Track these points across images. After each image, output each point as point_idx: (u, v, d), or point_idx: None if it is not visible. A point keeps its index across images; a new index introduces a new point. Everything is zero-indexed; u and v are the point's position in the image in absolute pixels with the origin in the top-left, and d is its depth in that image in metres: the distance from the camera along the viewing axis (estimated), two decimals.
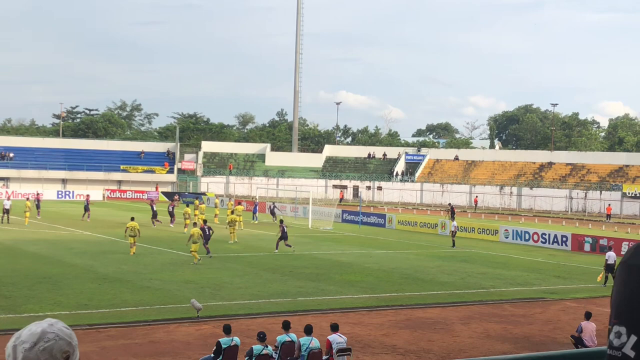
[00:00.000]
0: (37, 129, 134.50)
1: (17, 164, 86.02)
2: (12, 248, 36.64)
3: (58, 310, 22.09)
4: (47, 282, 26.76)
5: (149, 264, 32.47)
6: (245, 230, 50.21)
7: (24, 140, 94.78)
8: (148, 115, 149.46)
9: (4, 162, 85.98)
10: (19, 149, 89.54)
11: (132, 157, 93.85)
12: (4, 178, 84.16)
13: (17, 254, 34.38)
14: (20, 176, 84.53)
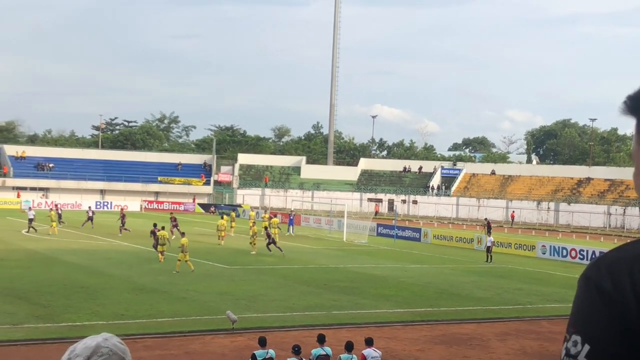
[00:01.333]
0: (76, 140, 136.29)
1: (56, 174, 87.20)
2: (50, 258, 37.13)
3: (95, 319, 22.34)
4: (84, 292, 27.07)
5: (185, 275, 32.68)
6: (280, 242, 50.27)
7: (63, 151, 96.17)
8: (186, 127, 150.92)
9: (44, 173, 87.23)
10: (59, 159, 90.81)
11: (170, 169, 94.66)
12: (44, 188, 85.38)
13: (55, 264, 34.82)
14: (59, 187, 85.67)
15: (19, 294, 25.95)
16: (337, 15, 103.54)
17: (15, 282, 28.36)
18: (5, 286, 26.86)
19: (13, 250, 39.60)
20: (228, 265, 36.85)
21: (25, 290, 26.70)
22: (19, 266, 33.36)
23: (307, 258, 42.10)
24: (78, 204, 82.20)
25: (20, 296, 25.51)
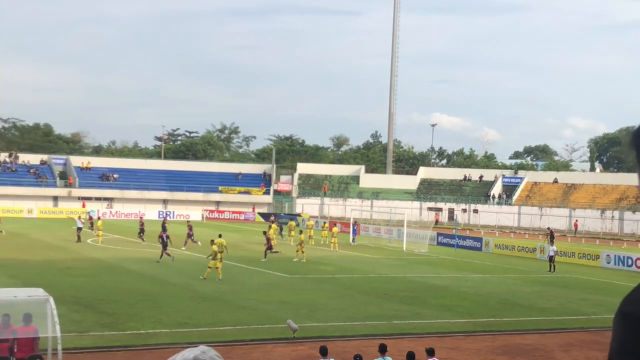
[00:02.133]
0: (139, 151, 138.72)
1: (120, 184, 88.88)
2: (115, 266, 37.85)
3: (159, 328, 22.70)
4: (148, 300, 27.52)
5: (245, 284, 33.00)
6: (340, 252, 50.39)
7: (127, 162, 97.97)
8: (246, 137, 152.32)
9: (109, 183, 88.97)
10: (123, 170, 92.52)
11: (230, 179, 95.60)
12: (108, 198, 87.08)
13: (120, 272, 35.49)
14: (123, 197, 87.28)
15: (85, 302, 26.52)
16: (396, 24, 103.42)
17: (81, 291, 29.00)
18: (71, 294, 27.45)
19: (79, 259, 40.48)
20: (288, 274, 37.06)
21: (91, 299, 27.27)
22: (85, 275, 34.09)
23: (367, 267, 42.07)
24: (141, 213, 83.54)
25: (86, 304, 26.07)
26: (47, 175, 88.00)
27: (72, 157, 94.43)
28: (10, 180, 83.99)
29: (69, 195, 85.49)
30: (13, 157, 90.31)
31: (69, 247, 46.79)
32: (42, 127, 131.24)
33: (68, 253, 43.42)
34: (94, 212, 74.10)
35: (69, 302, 25.16)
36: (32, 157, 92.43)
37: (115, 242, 52.01)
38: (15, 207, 79.65)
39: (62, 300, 22.72)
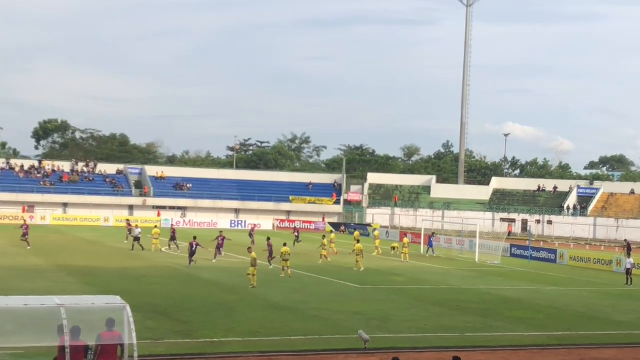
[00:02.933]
0: (212, 160, 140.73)
1: (193, 194, 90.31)
2: (188, 275, 38.42)
3: (232, 336, 22.93)
4: (221, 309, 27.84)
5: (317, 294, 33.09)
6: (411, 262, 50.12)
7: (200, 172, 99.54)
8: (316, 147, 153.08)
9: (182, 193, 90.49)
10: (196, 179, 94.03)
11: (301, 188, 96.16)
12: (182, 207, 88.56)
13: (193, 281, 36.01)
14: (196, 206, 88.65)
15: (160, 309, 26.98)
16: (469, 34, 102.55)
17: (156, 298, 29.52)
18: (147, 302, 27.96)
19: (154, 267, 41.23)
20: (359, 284, 37.02)
21: (166, 306, 27.73)
22: (160, 282, 34.70)
23: (438, 279, 41.73)
24: (214, 222, 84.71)
25: (161, 312, 26.51)
26: (123, 184, 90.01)
27: (147, 167, 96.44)
28: (88, 189, 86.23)
29: (144, 204, 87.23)
30: (91, 167, 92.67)
31: (143, 255, 47.68)
32: (118, 138, 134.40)
33: (143, 261, 44.26)
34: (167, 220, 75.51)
35: (144, 310, 25.61)
36: (108, 166, 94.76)
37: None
38: (92, 215, 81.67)
39: (137, 308, 23.13)
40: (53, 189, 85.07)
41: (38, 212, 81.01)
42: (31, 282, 32.55)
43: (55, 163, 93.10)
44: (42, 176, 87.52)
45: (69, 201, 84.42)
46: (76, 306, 15.78)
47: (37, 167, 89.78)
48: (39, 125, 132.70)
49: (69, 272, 37.18)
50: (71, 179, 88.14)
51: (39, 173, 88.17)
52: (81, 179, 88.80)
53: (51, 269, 38.55)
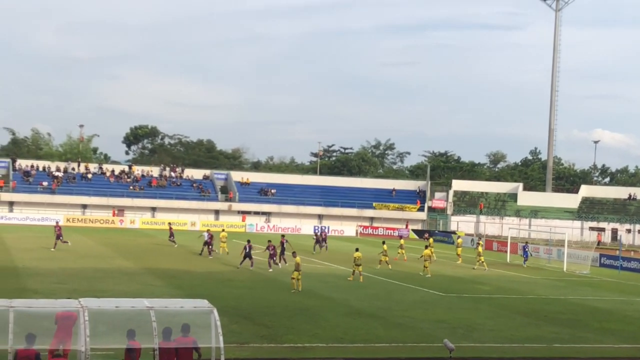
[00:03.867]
0: (296, 166, 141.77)
1: (278, 199, 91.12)
2: (272, 279, 38.74)
3: (315, 342, 23.01)
4: (304, 314, 27.99)
5: (400, 301, 32.93)
6: (496, 271, 49.37)
7: (284, 177, 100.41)
8: (400, 153, 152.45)
9: (267, 198, 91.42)
10: (280, 185, 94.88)
11: (384, 195, 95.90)
12: (266, 213, 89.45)
13: (276, 285, 36.30)
14: (280, 211, 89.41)
15: (245, 313, 27.29)
16: (557, 38, 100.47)
17: (240, 302, 29.89)
18: (232, 305, 28.32)
19: (238, 271, 41.71)
20: (443, 292, 36.67)
21: (250, 310, 28.03)
22: (244, 287, 35.11)
23: (525, 288, 40.97)
24: (297, 228, 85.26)
25: (245, 316, 26.82)
26: (210, 189, 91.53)
27: (232, 172, 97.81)
28: (175, 194, 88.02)
29: (229, 209, 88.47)
30: (178, 172, 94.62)
31: (229, 260, 48.30)
32: (205, 143, 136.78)
33: (228, 265, 44.83)
34: (252, 226, 76.27)
35: (230, 314, 25.95)
36: (195, 172, 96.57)
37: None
38: (179, 219, 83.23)
39: (223, 312, 23.42)
40: (142, 193, 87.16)
41: (127, 215, 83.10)
42: (121, 285, 33.39)
43: (145, 168, 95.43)
44: (132, 181, 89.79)
45: (157, 205, 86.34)
46: (165, 309, 16.13)
47: (127, 172, 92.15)
48: (130, 131, 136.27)
49: (157, 275, 37.97)
50: (159, 183, 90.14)
51: (129, 178, 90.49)
52: (169, 184, 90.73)
53: (140, 271, 39.45)
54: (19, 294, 27.53)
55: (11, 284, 31.86)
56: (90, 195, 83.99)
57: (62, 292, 28.68)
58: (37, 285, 31.82)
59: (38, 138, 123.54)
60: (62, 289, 30.72)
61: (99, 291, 29.91)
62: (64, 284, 32.54)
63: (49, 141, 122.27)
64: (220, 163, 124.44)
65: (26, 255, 44.53)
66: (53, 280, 33.67)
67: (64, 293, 28.23)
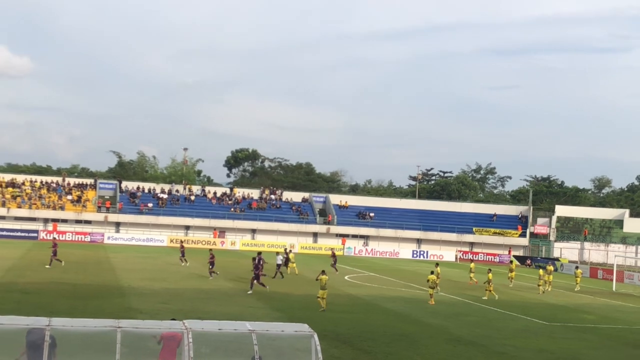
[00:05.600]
0: (394, 190, 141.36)
1: (376, 223, 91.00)
2: (371, 304, 38.65)
3: None
4: (404, 340, 27.78)
5: (502, 329, 32.30)
6: (602, 300, 47.84)
7: (382, 201, 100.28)
8: (501, 178, 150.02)
9: (365, 221, 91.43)
10: (378, 209, 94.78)
11: (485, 220, 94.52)
12: (364, 236, 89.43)
13: (375, 310, 36.19)
14: (378, 235, 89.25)
15: (344, 338, 27.29)
16: None
17: (339, 326, 29.90)
18: (330, 329, 28.39)
19: (337, 295, 41.78)
20: (547, 321, 35.76)
21: (349, 335, 28.02)
22: (343, 311, 35.13)
23: (633, 318, 39.53)
24: (396, 252, 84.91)
25: (344, 340, 26.82)
26: (308, 212, 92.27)
27: (331, 195, 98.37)
28: (275, 216, 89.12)
29: (328, 232, 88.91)
30: (278, 194, 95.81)
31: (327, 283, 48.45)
32: (304, 166, 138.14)
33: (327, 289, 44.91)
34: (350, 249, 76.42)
35: (329, 338, 26.01)
36: (294, 194, 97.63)
37: (371, 279, 53.15)
38: (278, 242, 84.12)
39: (322, 336, 23.53)
40: (242, 215, 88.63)
41: (228, 237, 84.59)
42: (223, 306, 33.95)
43: (245, 190, 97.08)
44: (233, 203, 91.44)
45: (257, 227, 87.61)
46: (266, 333, 16.34)
47: (228, 194, 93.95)
48: (231, 154, 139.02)
49: (258, 297, 38.44)
50: (259, 206, 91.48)
51: (230, 200, 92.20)
52: (269, 206, 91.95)
53: (241, 293, 40.02)
54: (125, 313, 28.40)
55: (117, 303, 32.86)
56: (193, 216, 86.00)
57: (166, 313, 29.38)
58: (142, 305, 32.70)
59: (144, 161, 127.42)
60: (166, 309, 31.46)
61: (202, 312, 30.52)
62: (168, 304, 33.33)
63: (154, 164, 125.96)
64: (318, 186, 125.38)
65: (131, 275, 45.87)
66: (157, 301, 34.54)
67: (168, 313, 28.90)
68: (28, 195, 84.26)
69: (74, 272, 45.67)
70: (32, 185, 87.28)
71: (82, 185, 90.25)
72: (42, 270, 45.61)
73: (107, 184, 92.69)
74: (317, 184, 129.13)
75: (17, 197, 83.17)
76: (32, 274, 43.21)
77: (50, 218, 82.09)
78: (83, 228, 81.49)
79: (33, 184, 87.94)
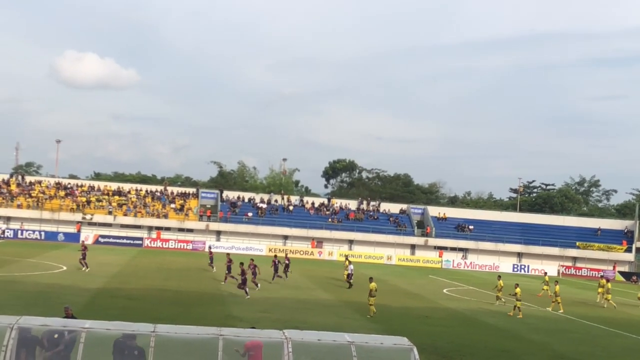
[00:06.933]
0: (494, 202, 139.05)
1: (475, 236, 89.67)
2: (470, 318, 38.08)
3: None
4: (505, 356, 27.24)
5: (606, 347, 31.29)
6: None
7: (482, 213, 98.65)
8: (606, 191, 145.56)
9: (464, 234, 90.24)
10: (478, 221, 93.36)
11: (588, 234, 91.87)
12: (463, 249, 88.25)
13: (475, 325, 35.64)
14: (477, 248, 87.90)
15: (443, 352, 26.97)
16: None
17: (438, 340, 29.57)
18: (429, 343, 28.10)
19: (436, 308, 41.42)
20: None
21: (448, 349, 27.67)
22: (442, 324, 34.74)
23: None
24: (495, 265, 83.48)
25: (444, 355, 26.50)
26: (406, 224, 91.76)
27: (429, 207, 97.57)
28: (372, 227, 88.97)
29: (426, 244, 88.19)
30: (375, 205, 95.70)
31: (425, 296, 48.13)
32: (402, 177, 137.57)
33: (425, 302, 44.64)
34: (448, 262, 75.32)
35: (427, 352, 25.76)
36: (392, 206, 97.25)
37: (470, 293, 52.42)
38: (376, 253, 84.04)
39: (420, 349, 23.27)
40: (340, 225, 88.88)
41: (326, 247, 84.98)
42: (321, 316, 34.11)
43: (343, 201, 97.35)
44: (331, 213, 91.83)
45: (354, 238, 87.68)
46: (365, 345, 16.31)
47: (326, 205, 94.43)
48: (329, 165, 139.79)
49: (355, 308, 38.44)
50: (357, 216, 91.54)
51: (328, 210, 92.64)
52: (366, 217, 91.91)
53: (338, 304, 40.14)
54: (225, 321, 28.88)
55: (218, 310, 33.47)
56: (291, 226, 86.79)
57: (265, 321, 29.74)
58: (242, 313, 33.18)
59: (244, 171, 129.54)
60: (266, 317, 31.85)
61: (300, 322, 30.74)
62: (267, 313, 33.72)
63: (254, 174, 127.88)
64: (416, 197, 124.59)
65: (232, 283, 46.61)
66: (257, 309, 34.99)
67: (267, 322, 29.28)
68: (133, 203, 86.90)
69: (177, 280, 46.80)
70: (137, 194, 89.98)
71: (185, 194, 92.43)
72: (147, 277, 46.90)
73: (209, 193, 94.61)
74: (415, 196, 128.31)
75: (123, 206, 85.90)
76: (137, 281, 44.49)
77: (155, 226, 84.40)
78: (185, 236, 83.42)
79: (138, 192, 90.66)
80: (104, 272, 48.25)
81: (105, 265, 53.25)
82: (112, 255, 63.12)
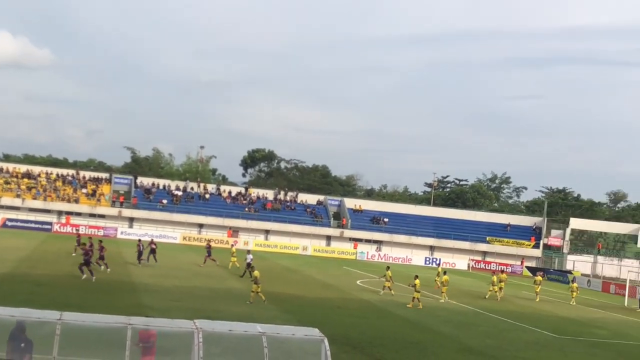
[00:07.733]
0: (409, 195, 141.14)
1: (390, 228, 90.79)
2: (382, 310, 38.53)
3: None
4: (414, 348, 27.67)
5: (512, 341, 32.11)
6: (615, 315, 47.50)
7: (397, 207, 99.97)
8: (516, 188, 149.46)
9: (379, 226, 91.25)
10: (392, 214, 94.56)
11: (498, 229, 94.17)
12: (378, 241, 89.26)
13: (386, 316, 36.08)
14: (392, 240, 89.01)
15: (354, 343, 27.21)
16: None
17: (350, 331, 29.82)
18: (341, 334, 28.30)
19: (349, 299, 41.76)
20: (557, 334, 35.54)
21: (359, 340, 27.93)
22: (354, 315, 35.04)
23: None
24: (408, 258, 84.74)
25: (354, 345, 26.74)
26: (322, 215, 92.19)
27: (346, 199, 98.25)
28: (289, 217, 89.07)
29: (341, 236, 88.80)
30: (292, 196, 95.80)
31: (339, 287, 48.46)
32: (320, 169, 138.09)
33: (338, 292, 44.95)
34: (362, 253, 76.11)
35: (339, 342, 25.92)
36: (309, 197, 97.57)
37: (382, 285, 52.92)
38: (292, 243, 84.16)
39: (332, 340, 23.42)
40: (257, 215, 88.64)
41: (242, 236, 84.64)
42: (233, 306, 33.96)
43: (260, 191, 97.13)
44: (248, 203, 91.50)
45: (270, 228, 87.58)
46: (277, 335, 16.31)
47: (243, 194, 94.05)
48: (247, 154, 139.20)
49: (269, 298, 38.37)
50: (274, 207, 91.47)
51: (245, 199, 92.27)
52: (283, 208, 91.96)
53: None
54: (135, 310, 28.41)
55: (128, 299, 32.94)
56: (207, 215, 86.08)
57: (177, 311, 29.43)
58: (153, 302, 32.75)
59: (159, 157, 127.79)
60: (177, 306, 31.51)
61: (213, 311, 30.53)
62: (179, 302, 33.38)
63: (169, 161, 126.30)
64: (334, 189, 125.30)
65: (143, 271, 45.98)
66: (168, 298, 34.59)
67: (179, 311, 28.97)
68: (43, 187, 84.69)
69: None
70: (48, 177, 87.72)
71: (98, 179, 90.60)
72: (56, 263, 45.82)
73: (123, 179, 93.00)
74: (333, 187, 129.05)
75: (32, 189, 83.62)
76: (45, 266, 43.42)
77: (65, 210, 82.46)
78: (97, 222, 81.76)
79: (49, 175, 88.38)
80: (11, 256, 46.92)
81: (12, 249, 51.78)
82: (20, 240, 61.43)
